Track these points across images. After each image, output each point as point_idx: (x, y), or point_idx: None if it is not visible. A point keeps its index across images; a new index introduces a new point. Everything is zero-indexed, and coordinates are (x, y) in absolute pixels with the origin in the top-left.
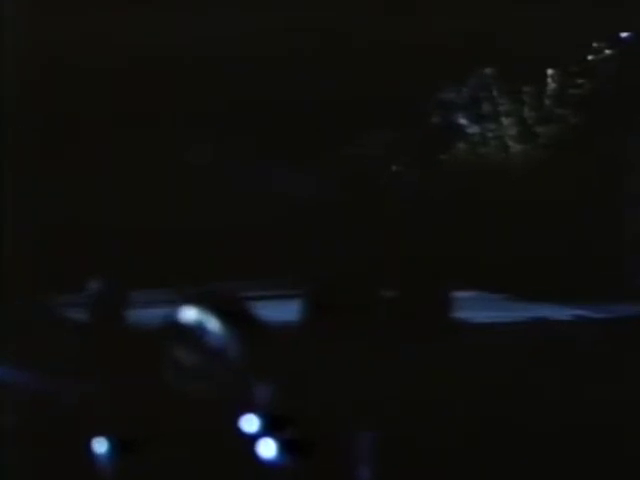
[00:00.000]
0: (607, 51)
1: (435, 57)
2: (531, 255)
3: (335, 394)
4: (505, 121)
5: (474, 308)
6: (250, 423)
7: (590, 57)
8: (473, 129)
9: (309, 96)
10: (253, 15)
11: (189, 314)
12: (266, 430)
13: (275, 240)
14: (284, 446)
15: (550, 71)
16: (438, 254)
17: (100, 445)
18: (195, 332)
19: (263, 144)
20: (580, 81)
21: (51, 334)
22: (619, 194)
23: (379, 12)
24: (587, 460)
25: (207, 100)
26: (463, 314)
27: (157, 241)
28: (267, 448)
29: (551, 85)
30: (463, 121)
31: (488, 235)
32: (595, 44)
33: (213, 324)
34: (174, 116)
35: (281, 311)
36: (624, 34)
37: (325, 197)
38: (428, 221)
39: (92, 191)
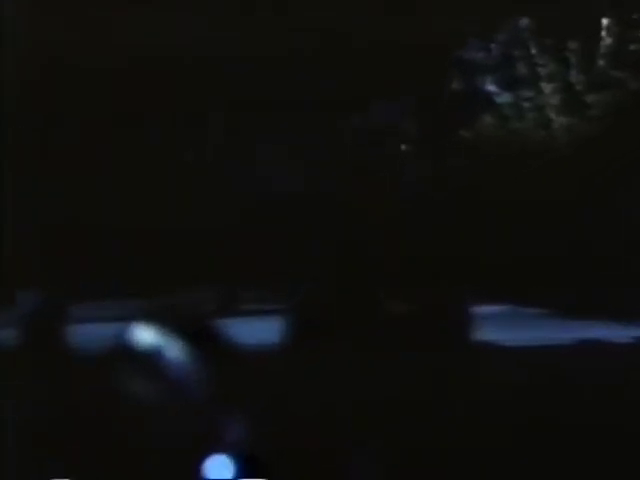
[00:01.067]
0: None
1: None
2: (578, 262)
3: (324, 429)
4: (546, 87)
5: (505, 326)
6: (218, 467)
7: None
8: (504, 98)
9: (309, 95)
10: (253, 15)
11: (144, 334)
12: (238, 475)
13: (254, 244)
14: None
15: (605, 21)
16: (457, 259)
17: None
18: (151, 356)
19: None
20: None
21: None
22: None
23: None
24: None
25: (207, 100)
26: (491, 333)
27: (108, 244)
28: None
29: (606, 40)
30: (491, 87)
31: (522, 236)
32: None
33: (173, 346)
34: (174, 116)
35: (257, 329)
36: None
37: (322, 195)
38: (445, 220)
39: (91, 191)
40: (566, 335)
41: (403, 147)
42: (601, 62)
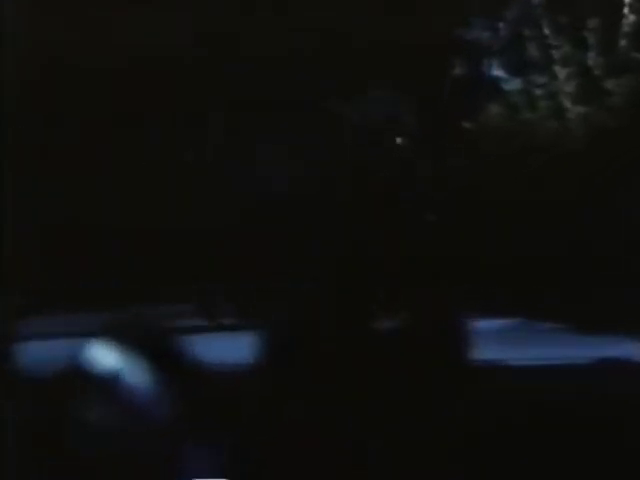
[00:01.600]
0: None
1: None
2: (597, 270)
3: (304, 462)
4: (560, 72)
5: (516, 342)
6: None
7: None
8: (512, 84)
9: (309, 95)
10: (253, 15)
11: (99, 353)
12: None
13: (231, 251)
14: None
15: None
16: (460, 266)
17: None
18: (107, 379)
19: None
20: None
21: None
22: None
23: None
24: None
25: (207, 100)
26: (499, 351)
27: (61, 248)
28: None
29: (629, 17)
30: (498, 72)
31: (534, 241)
32: None
33: (132, 367)
34: (174, 116)
35: (227, 348)
36: None
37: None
38: (446, 222)
39: (92, 191)
40: (585, 353)
41: (400, 144)
42: (623, 43)
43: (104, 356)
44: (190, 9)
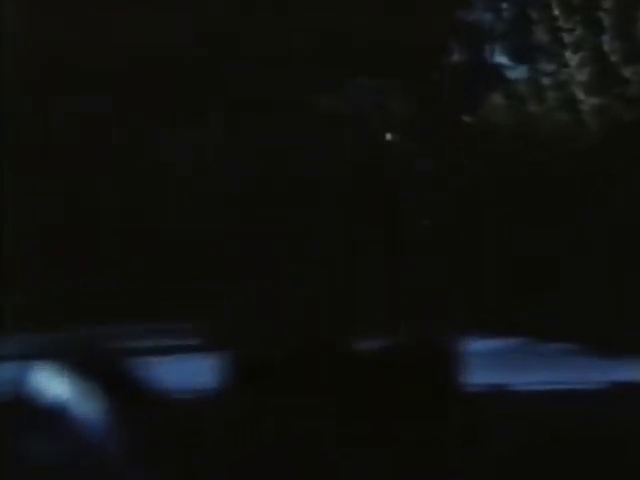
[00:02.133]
0: None
1: None
2: (608, 284)
3: None
4: (572, 58)
5: (519, 365)
6: None
7: None
8: (518, 72)
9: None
10: (253, 15)
11: (43, 381)
12: None
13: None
14: None
15: None
16: (456, 279)
17: None
18: (53, 410)
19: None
20: None
21: None
22: None
23: None
24: None
25: (207, 100)
26: (501, 374)
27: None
28: None
29: None
30: (502, 59)
31: (538, 250)
32: None
33: (81, 396)
34: (174, 116)
35: (188, 372)
36: None
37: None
38: (443, 226)
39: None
40: (595, 377)
41: (396, 140)
42: None
43: (50, 382)
44: (190, 9)
